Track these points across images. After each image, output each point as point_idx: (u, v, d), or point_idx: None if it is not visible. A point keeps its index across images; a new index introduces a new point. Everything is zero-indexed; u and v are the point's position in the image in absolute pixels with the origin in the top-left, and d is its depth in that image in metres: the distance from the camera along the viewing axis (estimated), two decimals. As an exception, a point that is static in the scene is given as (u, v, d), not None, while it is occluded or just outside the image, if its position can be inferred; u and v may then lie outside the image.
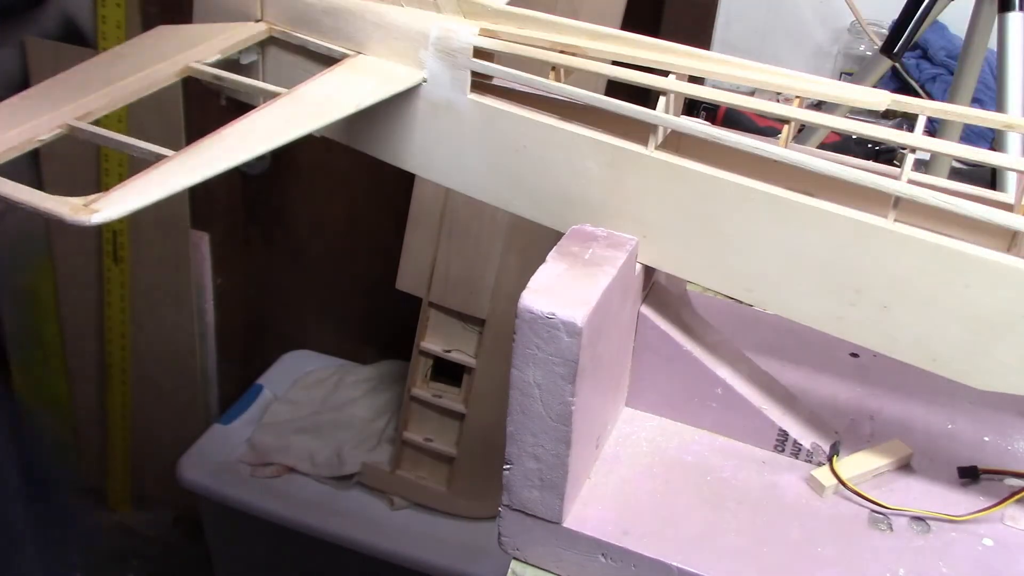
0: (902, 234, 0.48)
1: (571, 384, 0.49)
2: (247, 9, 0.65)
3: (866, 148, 1.21)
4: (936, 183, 0.53)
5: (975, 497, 0.56)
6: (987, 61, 1.13)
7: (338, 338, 1.67)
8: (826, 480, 0.55)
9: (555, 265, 0.51)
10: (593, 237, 0.55)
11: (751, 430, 0.58)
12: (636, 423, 0.61)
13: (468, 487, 1.33)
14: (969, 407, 0.63)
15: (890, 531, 0.53)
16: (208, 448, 1.43)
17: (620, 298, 0.53)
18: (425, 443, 1.34)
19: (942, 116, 0.51)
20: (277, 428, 1.46)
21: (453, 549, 1.28)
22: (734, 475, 0.57)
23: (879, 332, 0.51)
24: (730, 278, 0.54)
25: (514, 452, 0.53)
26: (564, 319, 0.48)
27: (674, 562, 0.51)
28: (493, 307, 1.25)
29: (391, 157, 0.62)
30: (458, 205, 1.24)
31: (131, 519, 1.75)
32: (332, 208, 1.58)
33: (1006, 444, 0.60)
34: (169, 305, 1.62)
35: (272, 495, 1.36)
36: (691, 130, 0.51)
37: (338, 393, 1.53)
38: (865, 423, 0.61)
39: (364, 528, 1.31)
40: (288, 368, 1.60)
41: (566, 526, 0.53)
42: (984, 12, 1.03)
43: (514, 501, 0.54)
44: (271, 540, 1.37)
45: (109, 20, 1.46)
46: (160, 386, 1.68)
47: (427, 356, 1.32)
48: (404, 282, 1.32)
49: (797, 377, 0.64)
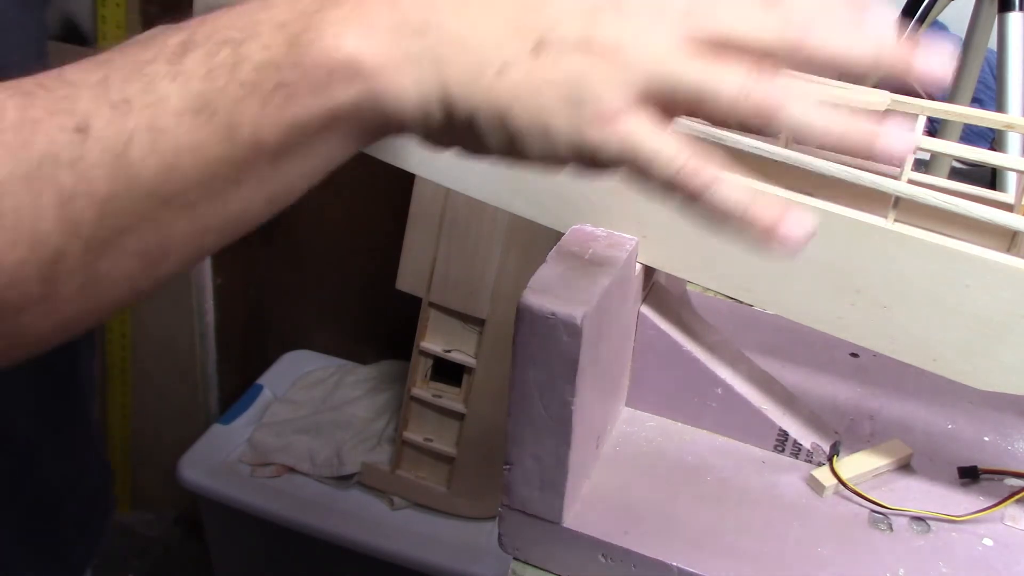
0: (902, 234, 0.48)
1: (571, 384, 0.49)
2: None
3: (866, 148, 1.20)
4: (936, 183, 0.53)
5: (975, 497, 0.56)
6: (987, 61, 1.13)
7: (338, 338, 1.67)
8: (826, 480, 0.55)
9: (555, 265, 0.51)
10: (593, 237, 0.55)
11: (751, 430, 0.58)
12: (636, 423, 0.61)
13: (468, 487, 1.33)
14: (969, 407, 0.63)
15: (890, 531, 0.53)
16: (208, 448, 1.43)
17: (620, 298, 0.53)
18: (425, 443, 1.34)
19: (942, 116, 0.51)
20: (277, 428, 1.46)
21: (453, 549, 1.28)
22: (734, 475, 0.57)
23: (879, 332, 0.51)
24: (730, 278, 0.54)
25: (514, 452, 0.53)
26: (564, 319, 0.48)
27: (674, 562, 0.51)
28: (493, 307, 1.25)
29: (391, 157, 0.62)
30: (458, 205, 1.24)
31: (131, 519, 1.75)
32: (332, 208, 1.58)
33: (1006, 444, 0.60)
34: (169, 305, 1.62)
35: (272, 495, 1.35)
36: (691, 130, 0.51)
37: (338, 393, 1.53)
38: (865, 423, 0.61)
39: (364, 528, 1.31)
40: (288, 368, 1.60)
41: (566, 526, 0.53)
42: (984, 12, 1.03)
43: (514, 501, 0.54)
44: (271, 540, 1.37)
45: (109, 20, 1.46)
46: (160, 386, 1.68)
47: (427, 356, 1.31)
48: (404, 282, 1.32)
49: (797, 377, 0.64)
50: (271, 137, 0.32)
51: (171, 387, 1.68)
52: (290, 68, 0.32)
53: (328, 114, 0.33)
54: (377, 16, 0.32)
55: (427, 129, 0.34)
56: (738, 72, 0.32)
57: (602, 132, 0.32)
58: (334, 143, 0.34)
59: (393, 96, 0.33)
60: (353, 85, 0.32)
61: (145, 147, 0.31)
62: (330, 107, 0.32)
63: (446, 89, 0.33)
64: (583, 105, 0.32)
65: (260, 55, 0.32)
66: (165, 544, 1.72)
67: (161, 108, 0.31)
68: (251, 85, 0.32)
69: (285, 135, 0.32)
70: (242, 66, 0.32)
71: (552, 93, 0.32)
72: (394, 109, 0.33)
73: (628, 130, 0.33)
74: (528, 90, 0.32)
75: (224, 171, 0.32)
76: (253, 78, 0.32)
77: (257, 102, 0.32)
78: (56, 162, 0.30)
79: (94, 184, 0.30)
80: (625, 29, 0.33)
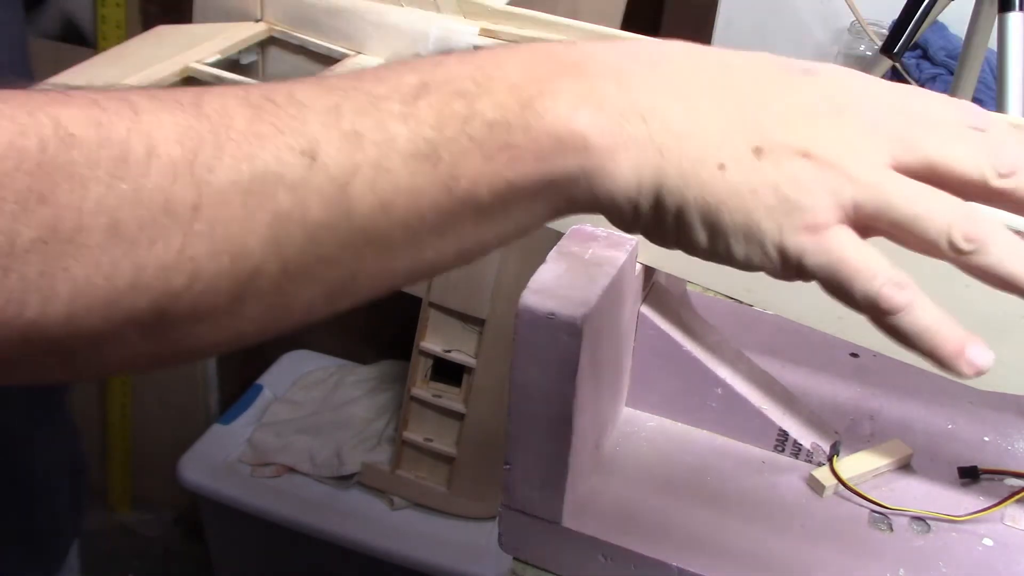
0: (902, 234, 0.48)
1: (571, 384, 0.49)
2: (247, 9, 0.65)
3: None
4: (936, 183, 0.52)
5: (975, 497, 0.56)
6: (987, 61, 1.13)
7: (338, 338, 1.67)
8: (826, 480, 0.55)
9: (555, 265, 0.51)
10: (593, 237, 0.55)
11: (751, 430, 0.58)
12: (636, 423, 0.60)
13: (468, 487, 1.33)
14: (969, 407, 0.63)
15: (890, 531, 0.54)
16: (208, 448, 1.43)
17: (620, 298, 0.53)
18: (425, 443, 1.34)
19: (942, 116, 0.51)
20: (277, 428, 1.46)
21: (453, 549, 1.28)
22: (734, 475, 0.57)
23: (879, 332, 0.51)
24: (730, 278, 0.54)
25: (514, 452, 0.53)
26: (564, 319, 0.48)
27: (674, 562, 0.51)
28: (493, 307, 1.25)
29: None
30: (458, 205, 1.24)
31: (131, 519, 1.75)
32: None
33: (1006, 444, 0.60)
34: (169, 305, 1.62)
35: (272, 495, 1.35)
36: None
37: (338, 393, 1.53)
38: (865, 423, 0.61)
39: (364, 528, 1.31)
40: (288, 368, 1.60)
41: (566, 526, 0.53)
42: (984, 12, 1.03)
43: (514, 501, 0.54)
44: (271, 540, 1.37)
45: (109, 20, 1.46)
46: (160, 386, 1.68)
47: (427, 356, 1.31)
48: (404, 282, 1.32)
49: (797, 377, 0.64)
50: (486, 194, 0.32)
51: (171, 387, 1.68)
52: (521, 131, 0.32)
53: (545, 182, 0.33)
54: (608, 95, 0.33)
55: (631, 213, 0.34)
56: (948, 204, 0.33)
57: (811, 240, 0.33)
58: (537, 210, 0.34)
59: (610, 175, 0.33)
60: (576, 159, 0.33)
61: (367, 183, 0.31)
62: (549, 175, 0.33)
63: (661, 178, 0.33)
64: (796, 212, 0.32)
65: (493, 113, 0.32)
66: (165, 544, 1.72)
67: (390, 148, 0.31)
68: (480, 141, 0.32)
69: (499, 195, 0.33)
70: (473, 121, 0.32)
71: (767, 195, 0.32)
72: (606, 189, 0.33)
73: (838, 242, 0.33)
74: (743, 190, 0.32)
75: (433, 219, 0.32)
76: (483, 134, 0.32)
77: (481, 158, 0.32)
78: (278, 181, 0.30)
79: (310, 211, 0.30)
80: (843, 141, 0.33)
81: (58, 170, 0.27)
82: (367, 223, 0.31)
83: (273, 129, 0.30)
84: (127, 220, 0.27)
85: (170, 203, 0.28)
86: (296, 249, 0.30)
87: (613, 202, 0.34)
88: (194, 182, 0.28)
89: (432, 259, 0.34)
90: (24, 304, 0.27)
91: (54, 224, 0.26)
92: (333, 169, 0.30)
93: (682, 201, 0.33)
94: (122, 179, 0.27)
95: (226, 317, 0.31)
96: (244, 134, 0.29)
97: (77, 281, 0.27)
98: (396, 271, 0.34)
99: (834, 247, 0.33)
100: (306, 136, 0.30)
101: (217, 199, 0.29)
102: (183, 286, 0.29)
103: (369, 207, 0.31)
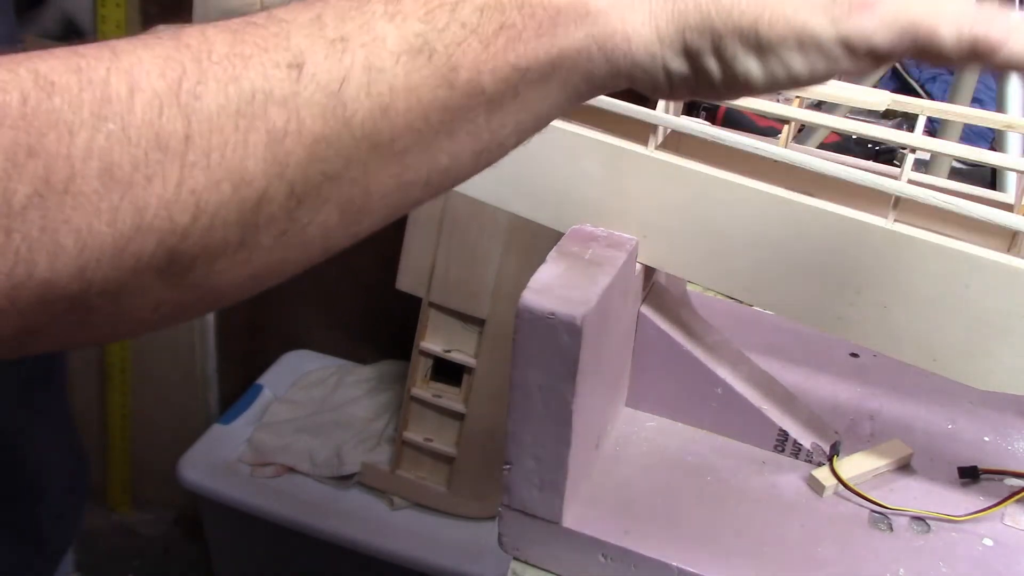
0: (902, 234, 0.48)
1: (571, 384, 0.49)
2: (247, 9, 0.65)
3: (866, 148, 1.21)
4: (936, 183, 0.53)
5: (975, 497, 0.56)
6: (987, 61, 1.13)
7: (338, 338, 1.67)
8: (826, 480, 0.55)
9: (555, 265, 0.51)
10: (593, 237, 0.55)
11: (751, 430, 0.58)
12: (636, 423, 0.61)
13: (468, 487, 1.33)
14: (969, 407, 0.63)
15: (890, 531, 0.54)
16: (208, 448, 1.43)
17: (620, 298, 0.53)
18: (425, 443, 1.34)
19: (942, 116, 0.51)
20: (277, 428, 1.46)
21: (453, 549, 1.28)
22: (734, 475, 0.57)
23: (879, 332, 0.51)
24: (730, 278, 0.54)
25: (514, 452, 0.53)
26: (564, 319, 0.48)
27: (674, 562, 0.51)
28: (493, 307, 1.25)
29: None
30: (458, 205, 1.24)
31: (131, 519, 1.75)
32: (332, 208, 1.58)
33: (1006, 444, 0.60)
34: (169, 305, 1.62)
35: (272, 495, 1.35)
36: (691, 130, 0.51)
37: (338, 393, 1.53)
38: (865, 423, 0.61)
39: (364, 528, 1.31)
40: (288, 368, 1.60)
41: (566, 526, 0.53)
42: (984, 12, 1.03)
43: (514, 501, 0.54)
44: (271, 540, 1.37)
45: (109, 20, 1.46)
46: (160, 386, 1.68)
47: (427, 356, 1.32)
48: (404, 282, 1.32)
49: (797, 377, 0.64)
50: (490, 82, 0.31)
51: (171, 387, 1.68)
52: (515, 9, 0.30)
53: (552, 59, 0.31)
54: None
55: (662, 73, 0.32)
56: None
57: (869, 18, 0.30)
58: (552, 93, 0.32)
59: (624, 37, 0.31)
60: (581, 28, 0.31)
61: (360, 87, 0.29)
62: (556, 52, 0.31)
63: (681, 19, 0.31)
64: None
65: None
66: (165, 544, 1.72)
67: (378, 47, 0.30)
68: (473, 27, 0.30)
69: (505, 80, 0.31)
70: (463, 7, 0.30)
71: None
72: (624, 52, 0.31)
73: (896, 5, 0.31)
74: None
75: (438, 117, 0.31)
76: (475, 19, 0.30)
77: (478, 44, 0.30)
78: (268, 98, 0.28)
79: (305, 123, 0.29)
80: None
81: (42, 119, 0.26)
82: (368, 130, 0.30)
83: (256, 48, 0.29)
84: (119, 161, 0.27)
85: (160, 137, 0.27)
86: (299, 168, 0.29)
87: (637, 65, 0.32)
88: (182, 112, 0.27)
89: (447, 164, 0.32)
90: (33, 264, 0.26)
91: (46, 176, 0.26)
92: (322, 78, 0.29)
93: (713, 35, 0.31)
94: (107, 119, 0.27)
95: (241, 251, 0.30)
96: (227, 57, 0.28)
97: (81, 232, 0.26)
98: (411, 181, 0.32)
99: (899, 11, 0.31)
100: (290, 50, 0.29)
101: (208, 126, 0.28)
102: (188, 222, 0.28)
103: (367, 112, 0.30)
